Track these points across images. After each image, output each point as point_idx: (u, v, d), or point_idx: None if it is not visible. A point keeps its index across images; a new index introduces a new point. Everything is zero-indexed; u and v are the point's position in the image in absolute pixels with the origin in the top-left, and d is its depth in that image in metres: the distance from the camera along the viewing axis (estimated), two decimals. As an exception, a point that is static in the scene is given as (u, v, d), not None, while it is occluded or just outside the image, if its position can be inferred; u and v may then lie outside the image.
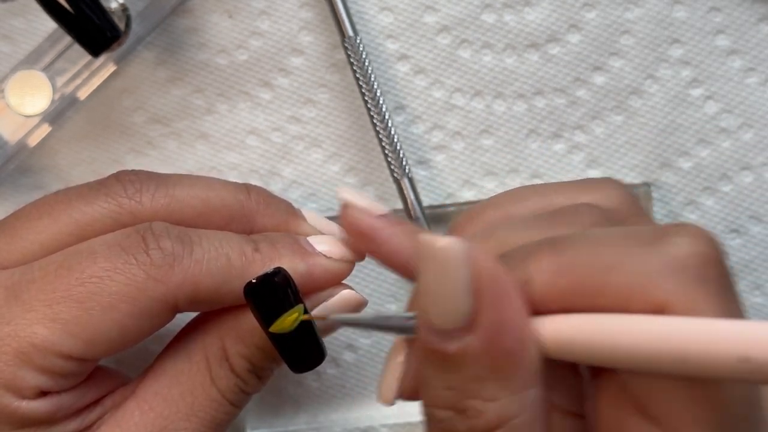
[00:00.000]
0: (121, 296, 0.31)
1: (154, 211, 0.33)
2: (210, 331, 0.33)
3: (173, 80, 0.42)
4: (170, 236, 0.32)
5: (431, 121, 0.42)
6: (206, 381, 0.33)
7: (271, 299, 0.31)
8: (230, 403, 0.33)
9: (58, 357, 0.30)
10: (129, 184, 0.33)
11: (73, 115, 0.42)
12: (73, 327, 0.30)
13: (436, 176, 0.42)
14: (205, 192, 0.34)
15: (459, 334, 0.26)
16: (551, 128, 0.42)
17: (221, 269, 0.32)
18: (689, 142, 0.42)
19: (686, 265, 0.25)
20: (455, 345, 0.26)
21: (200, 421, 0.32)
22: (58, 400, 0.31)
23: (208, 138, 0.42)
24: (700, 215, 0.42)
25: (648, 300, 0.25)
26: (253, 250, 0.32)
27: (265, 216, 0.35)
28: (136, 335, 0.32)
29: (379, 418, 0.42)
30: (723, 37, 0.41)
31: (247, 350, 0.33)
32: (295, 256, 0.33)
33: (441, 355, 0.26)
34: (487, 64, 0.42)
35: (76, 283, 0.31)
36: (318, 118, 0.42)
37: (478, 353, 0.26)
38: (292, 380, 0.42)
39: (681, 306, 0.25)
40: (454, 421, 0.26)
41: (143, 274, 0.31)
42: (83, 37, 0.37)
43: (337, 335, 0.42)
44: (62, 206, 0.33)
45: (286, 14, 0.41)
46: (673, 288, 0.25)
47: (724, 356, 0.23)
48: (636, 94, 0.42)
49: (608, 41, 0.41)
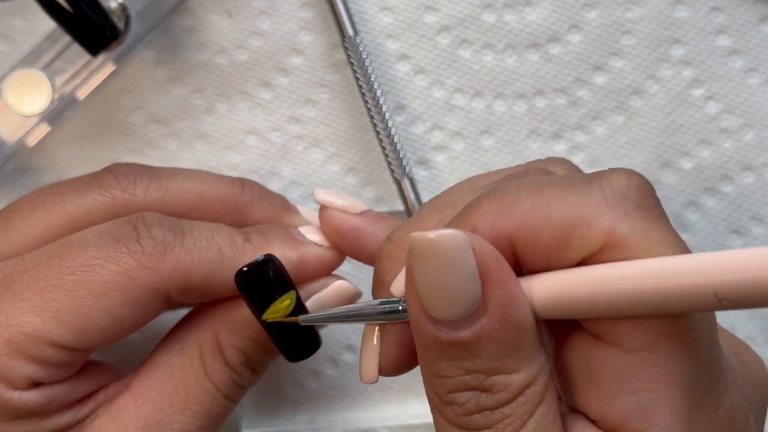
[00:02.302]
0: (113, 284, 0.31)
1: (147, 203, 0.33)
2: (203, 325, 0.33)
3: (173, 80, 0.42)
4: (162, 225, 0.32)
5: (431, 121, 0.42)
6: (200, 374, 0.33)
7: (263, 286, 0.31)
8: (225, 396, 0.33)
9: (50, 346, 0.30)
10: (122, 177, 0.33)
11: (72, 115, 0.41)
12: (65, 315, 0.30)
13: (436, 176, 0.42)
14: (199, 185, 0.34)
15: (471, 319, 0.26)
16: (552, 128, 0.42)
17: (212, 258, 0.32)
18: (690, 142, 0.42)
19: (626, 196, 0.26)
20: (469, 332, 0.26)
21: (194, 415, 0.32)
22: (51, 391, 0.31)
23: (208, 138, 0.42)
24: (701, 216, 0.42)
25: (592, 229, 0.25)
26: (245, 240, 0.33)
27: (259, 210, 0.35)
28: (128, 324, 0.31)
29: (379, 419, 0.42)
30: (724, 37, 0.41)
31: (241, 343, 0.33)
32: (285, 245, 0.33)
33: (454, 345, 0.26)
34: (487, 64, 0.41)
35: (67, 272, 0.31)
36: (318, 118, 0.42)
37: (495, 333, 0.26)
38: (291, 380, 0.42)
39: (626, 233, 0.25)
40: (480, 399, 0.26)
41: (134, 262, 0.31)
42: (82, 37, 0.37)
43: (337, 335, 0.42)
44: (56, 198, 0.33)
45: (286, 14, 0.41)
46: (616, 216, 0.25)
47: (701, 294, 0.24)
48: (637, 94, 0.42)
49: (609, 41, 0.41)
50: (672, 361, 0.26)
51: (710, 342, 0.26)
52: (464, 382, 0.26)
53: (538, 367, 0.26)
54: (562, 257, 0.26)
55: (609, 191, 0.26)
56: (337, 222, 0.33)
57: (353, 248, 0.33)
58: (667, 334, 0.26)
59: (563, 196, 0.26)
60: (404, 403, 0.42)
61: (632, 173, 0.27)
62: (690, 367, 0.26)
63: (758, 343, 0.42)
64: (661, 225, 0.26)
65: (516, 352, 0.26)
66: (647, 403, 0.26)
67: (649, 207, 0.26)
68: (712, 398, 0.26)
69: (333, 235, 0.33)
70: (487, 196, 0.27)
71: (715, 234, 0.42)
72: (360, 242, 0.33)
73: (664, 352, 0.26)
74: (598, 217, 0.26)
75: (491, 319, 0.26)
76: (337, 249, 0.34)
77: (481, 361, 0.26)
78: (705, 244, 0.42)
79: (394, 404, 0.42)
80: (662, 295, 0.24)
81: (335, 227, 0.33)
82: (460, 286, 0.25)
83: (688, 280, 0.24)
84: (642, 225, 0.25)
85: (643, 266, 0.25)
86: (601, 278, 0.25)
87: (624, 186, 0.26)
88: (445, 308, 0.26)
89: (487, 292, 0.26)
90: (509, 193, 0.27)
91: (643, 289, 0.25)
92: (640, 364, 0.26)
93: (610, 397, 0.26)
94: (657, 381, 0.26)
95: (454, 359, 0.26)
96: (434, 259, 0.25)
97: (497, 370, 0.26)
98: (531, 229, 0.26)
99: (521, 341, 0.26)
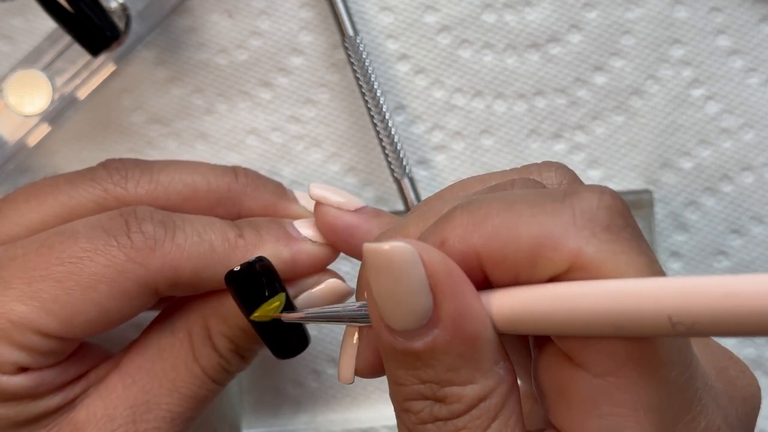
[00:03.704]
0: (101, 277, 0.31)
1: (138, 196, 0.33)
2: (194, 309, 0.33)
3: (173, 80, 0.42)
4: (153, 220, 0.32)
5: (431, 121, 0.42)
6: (189, 358, 0.33)
7: (252, 288, 0.31)
8: (213, 380, 0.33)
9: (36, 334, 0.30)
10: (115, 171, 0.34)
11: (73, 115, 0.42)
12: (51, 305, 0.30)
13: (436, 176, 0.42)
14: (191, 176, 0.34)
15: (423, 330, 0.26)
16: (552, 128, 0.42)
17: (203, 255, 0.32)
18: (690, 142, 0.42)
19: (594, 217, 0.25)
20: (422, 342, 0.26)
21: (182, 397, 0.33)
22: (39, 375, 0.31)
23: (208, 138, 0.42)
24: (701, 216, 0.42)
25: (558, 250, 0.25)
26: (237, 236, 0.32)
27: (253, 198, 0.35)
28: (116, 317, 0.32)
29: (379, 418, 0.42)
30: (724, 37, 0.41)
31: (230, 331, 0.33)
32: (279, 242, 0.33)
33: (409, 354, 0.26)
34: (487, 64, 0.42)
35: (56, 262, 0.31)
36: (318, 118, 0.42)
37: (447, 344, 0.26)
38: (291, 380, 0.42)
39: (592, 255, 0.25)
40: (434, 409, 0.26)
41: (123, 256, 0.31)
42: (83, 37, 0.37)
43: (338, 335, 0.42)
44: (49, 190, 0.33)
45: (286, 14, 0.41)
46: (583, 238, 0.25)
47: (655, 317, 0.23)
48: (637, 94, 0.42)
49: (609, 41, 0.41)
50: (639, 386, 0.25)
51: (682, 364, 0.26)
52: (419, 391, 0.26)
53: (495, 381, 0.26)
54: (530, 276, 0.26)
55: (579, 211, 0.26)
56: (332, 219, 0.33)
57: (348, 245, 0.33)
58: (632, 359, 0.25)
59: (533, 215, 0.26)
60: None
61: (604, 192, 0.26)
62: (659, 392, 0.25)
63: (758, 344, 0.42)
64: (629, 247, 0.25)
65: (470, 364, 0.26)
66: (616, 427, 0.25)
67: (618, 228, 0.25)
68: (686, 422, 0.26)
69: (328, 232, 0.33)
70: (461, 209, 0.27)
71: (715, 234, 0.42)
72: (355, 240, 0.33)
73: (630, 377, 0.25)
74: (565, 238, 0.25)
75: (443, 330, 0.26)
76: (332, 246, 0.34)
77: (435, 371, 0.26)
78: (705, 244, 0.42)
79: (394, 404, 0.42)
80: (619, 316, 0.24)
81: (330, 224, 0.33)
82: (411, 297, 0.25)
83: (643, 301, 0.24)
84: (608, 247, 0.25)
85: (602, 286, 0.24)
86: (561, 295, 0.25)
87: (594, 206, 0.26)
88: (399, 318, 0.26)
89: (438, 304, 0.25)
90: (482, 207, 0.27)
91: (601, 308, 0.24)
92: (607, 389, 0.25)
93: (581, 419, 0.26)
94: (625, 405, 0.25)
95: (409, 368, 0.26)
96: (386, 270, 0.25)
97: (451, 381, 0.26)
98: (499, 246, 0.26)
99: (476, 353, 0.26)
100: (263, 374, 0.42)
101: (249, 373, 0.42)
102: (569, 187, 0.27)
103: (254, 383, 0.42)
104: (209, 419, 0.40)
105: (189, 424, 0.33)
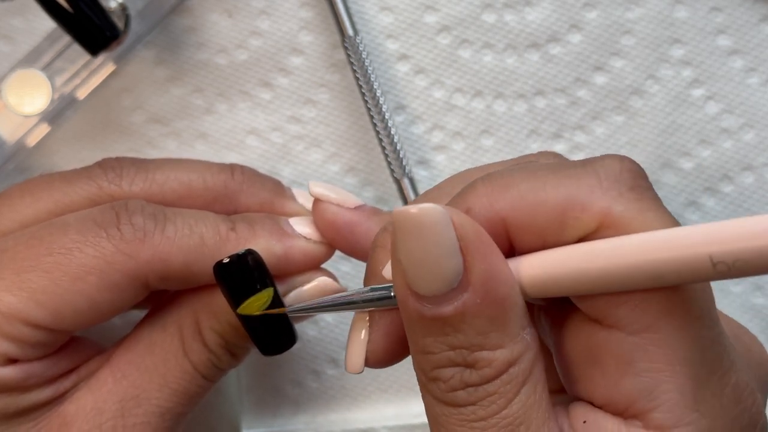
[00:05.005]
0: (89, 268, 0.31)
1: (133, 194, 0.33)
2: (185, 305, 0.33)
3: (173, 80, 0.42)
4: (143, 213, 0.32)
5: (431, 121, 0.42)
6: (179, 353, 0.33)
7: (240, 280, 0.31)
8: (203, 376, 0.33)
9: (25, 325, 0.30)
10: (110, 169, 0.34)
11: (72, 115, 0.41)
12: (40, 296, 0.30)
13: (436, 176, 0.42)
14: (187, 174, 0.34)
15: (453, 294, 0.26)
16: (552, 128, 0.42)
17: (193, 247, 0.32)
18: (690, 142, 0.42)
19: (620, 178, 0.27)
20: (452, 306, 0.26)
21: (172, 392, 0.33)
22: (29, 367, 0.31)
23: (208, 138, 0.42)
24: (701, 216, 0.42)
25: (587, 210, 0.26)
26: (229, 230, 0.32)
27: (250, 195, 0.35)
28: (105, 309, 0.31)
29: (379, 419, 0.42)
30: (724, 37, 0.41)
31: (220, 327, 0.33)
32: (272, 237, 0.33)
33: (438, 320, 0.26)
34: (487, 64, 0.41)
35: (46, 253, 0.31)
36: (318, 118, 0.42)
37: (477, 308, 0.26)
38: (291, 380, 0.42)
39: (621, 213, 0.26)
40: (464, 375, 0.26)
41: (112, 247, 0.31)
42: (82, 37, 0.37)
43: (338, 335, 0.42)
44: (44, 186, 0.34)
45: (286, 14, 0.41)
46: (611, 198, 0.26)
47: (696, 259, 0.24)
48: (637, 94, 0.42)
49: (609, 41, 0.41)
50: (674, 339, 0.26)
51: (711, 319, 0.27)
52: (448, 357, 0.26)
53: (523, 346, 0.27)
54: (557, 239, 0.26)
55: (603, 174, 0.27)
56: (332, 216, 0.33)
57: (347, 243, 0.33)
58: (666, 313, 0.26)
59: (558, 180, 0.27)
60: (404, 403, 0.42)
61: (624, 158, 0.27)
62: (693, 345, 0.26)
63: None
64: (654, 205, 0.26)
65: (500, 328, 0.26)
66: (653, 384, 0.26)
67: (642, 189, 0.27)
68: (718, 376, 0.26)
69: (327, 229, 0.33)
70: (483, 179, 0.28)
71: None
72: (354, 237, 0.33)
73: (665, 331, 0.26)
74: (593, 199, 0.26)
75: (473, 293, 0.26)
76: (330, 243, 0.33)
77: (465, 336, 0.26)
78: (705, 244, 0.42)
79: (394, 404, 0.42)
80: (659, 264, 0.24)
81: (330, 222, 0.33)
82: (441, 260, 0.25)
83: (683, 245, 0.24)
84: (636, 205, 0.26)
85: (636, 238, 0.25)
86: (593, 252, 0.26)
87: (617, 169, 0.27)
88: (428, 283, 0.26)
89: (469, 267, 0.26)
90: (504, 176, 0.27)
91: (639, 260, 0.25)
92: (642, 345, 0.26)
93: (616, 380, 0.26)
94: (661, 361, 0.26)
95: (438, 335, 0.26)
96: (416, 233, 0.25)
97: (481, 346, 0.26)
98: (526, 211, 0.27)
99: (505, 317, 0.26)
100: (263, 374, 0.42)
101: (249, 373, 0.42)
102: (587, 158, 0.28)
103: (254, 383, 0.42)
104: (209, 419, 0.40)
105: (179, 419, 0.33)
